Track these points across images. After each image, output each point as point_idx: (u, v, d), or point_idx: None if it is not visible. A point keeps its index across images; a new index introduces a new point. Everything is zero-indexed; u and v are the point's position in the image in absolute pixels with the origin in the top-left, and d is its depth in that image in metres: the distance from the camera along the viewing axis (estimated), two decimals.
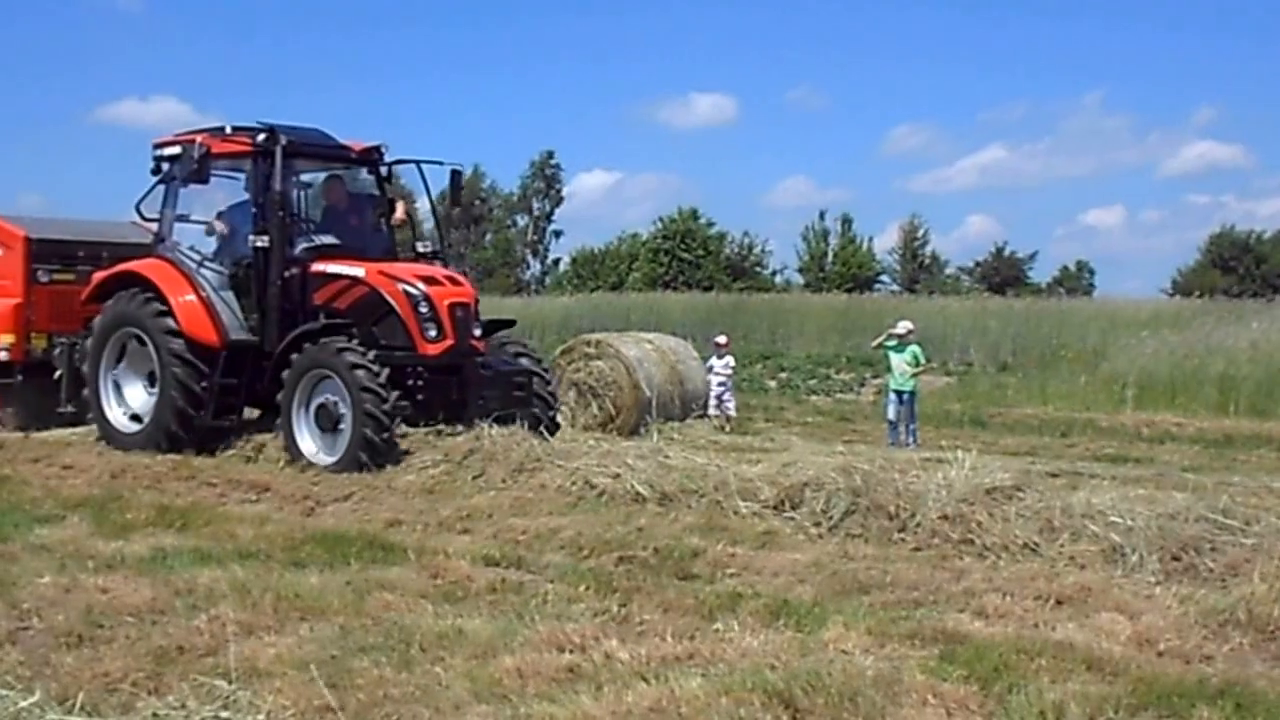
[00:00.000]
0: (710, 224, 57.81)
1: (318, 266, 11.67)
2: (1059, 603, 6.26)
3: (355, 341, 10.86)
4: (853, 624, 5.66)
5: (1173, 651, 5.49)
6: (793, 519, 8.33)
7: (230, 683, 4.67)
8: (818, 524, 8.20)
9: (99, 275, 12.59)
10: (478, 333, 11.71)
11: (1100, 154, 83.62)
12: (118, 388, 12.27)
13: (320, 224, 12.39)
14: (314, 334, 11.06)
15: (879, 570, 6.89)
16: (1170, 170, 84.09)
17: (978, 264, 60.93)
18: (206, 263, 12.04)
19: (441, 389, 11.38)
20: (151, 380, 11.99)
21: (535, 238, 65.30)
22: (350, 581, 6.45)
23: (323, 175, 12.85)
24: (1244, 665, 5.37)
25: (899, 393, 16.03)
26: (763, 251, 59.83)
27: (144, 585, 6.25)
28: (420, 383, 11.20)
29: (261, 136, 11.65)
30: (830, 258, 58.10)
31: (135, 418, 12.08)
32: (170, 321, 11.63)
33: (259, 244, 11.57)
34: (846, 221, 58.88)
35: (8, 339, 13.41)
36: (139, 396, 12.19)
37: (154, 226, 12.54)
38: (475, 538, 7.93)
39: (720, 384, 18.02)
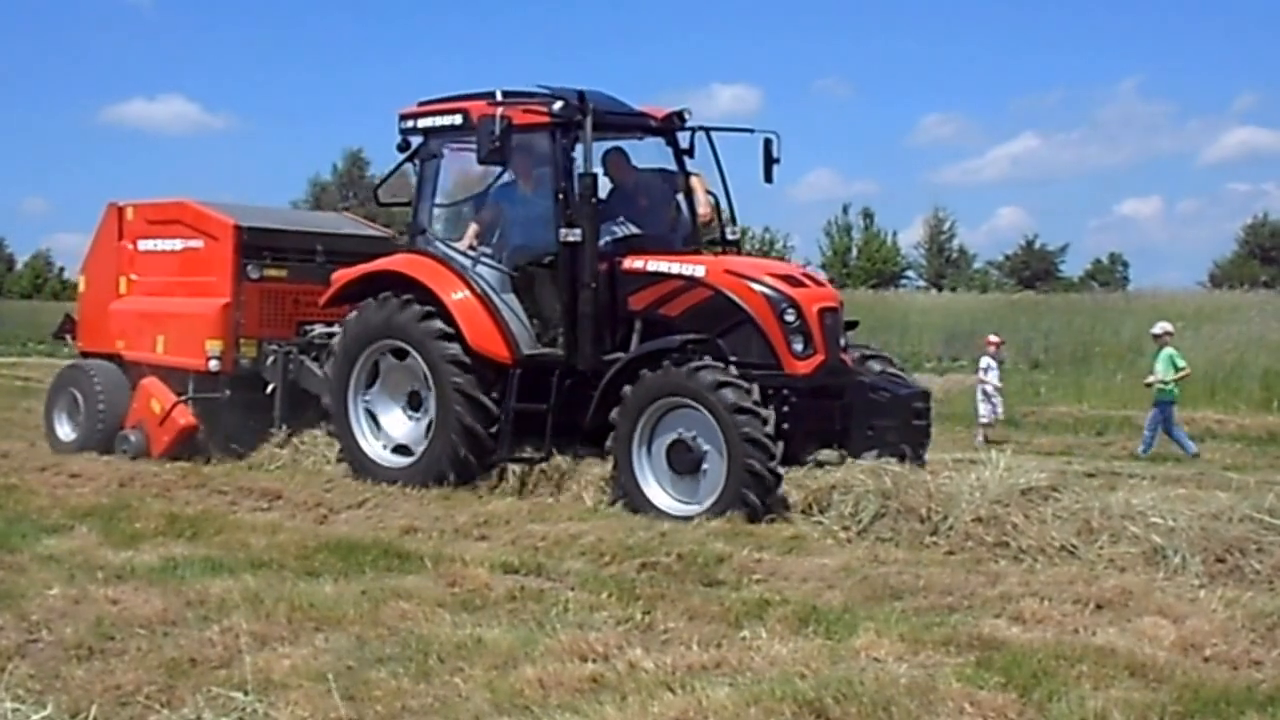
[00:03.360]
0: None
1: (632, 263, 9.63)
2: (1099, 607, 6.11)
3: (731, 370, 8.68)
4: (885, 630, 5.55)
5: (1219, 657, 5.35)
6: (821, 523, 8.23)
7: (245, 695, 4.61)
8: (846, 527, 8.10)
9: (344, 274, 10.66)
10: (842, 344, 9.52)
11: (1137, 142, 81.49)
12: (370, 411, 10.36)
13: (609, 209, 10.02)
14: (671, 353, 8.90)
15: (911, 575, 6.75)
16: (1210, 158, 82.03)
17: (1007, 258, 60.43)
18: (484, 259, 10.08)
19: (817, 416, 9.19)
20: (412, 402, 10.21)
21: None
22: (365, 590, 6.36)
23: (603, 147, 10.33)
24: None
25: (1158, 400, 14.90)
26: (784, 247, 59.61)
27: (155, 596, 6.16)
28: (786, 409, 8.83)
29: (559, 104, 9.56)
30: (854, 253, 57.77)
31: (397, 448, 10.26)
32: (447, 331, 9.72)
33: (570, 238, 9.43)
34: (868, 215, 58.57)
35: (216, 345, 11.22)
36: (398, 422, 10.31)
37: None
38: (493, 544, 7.85)
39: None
